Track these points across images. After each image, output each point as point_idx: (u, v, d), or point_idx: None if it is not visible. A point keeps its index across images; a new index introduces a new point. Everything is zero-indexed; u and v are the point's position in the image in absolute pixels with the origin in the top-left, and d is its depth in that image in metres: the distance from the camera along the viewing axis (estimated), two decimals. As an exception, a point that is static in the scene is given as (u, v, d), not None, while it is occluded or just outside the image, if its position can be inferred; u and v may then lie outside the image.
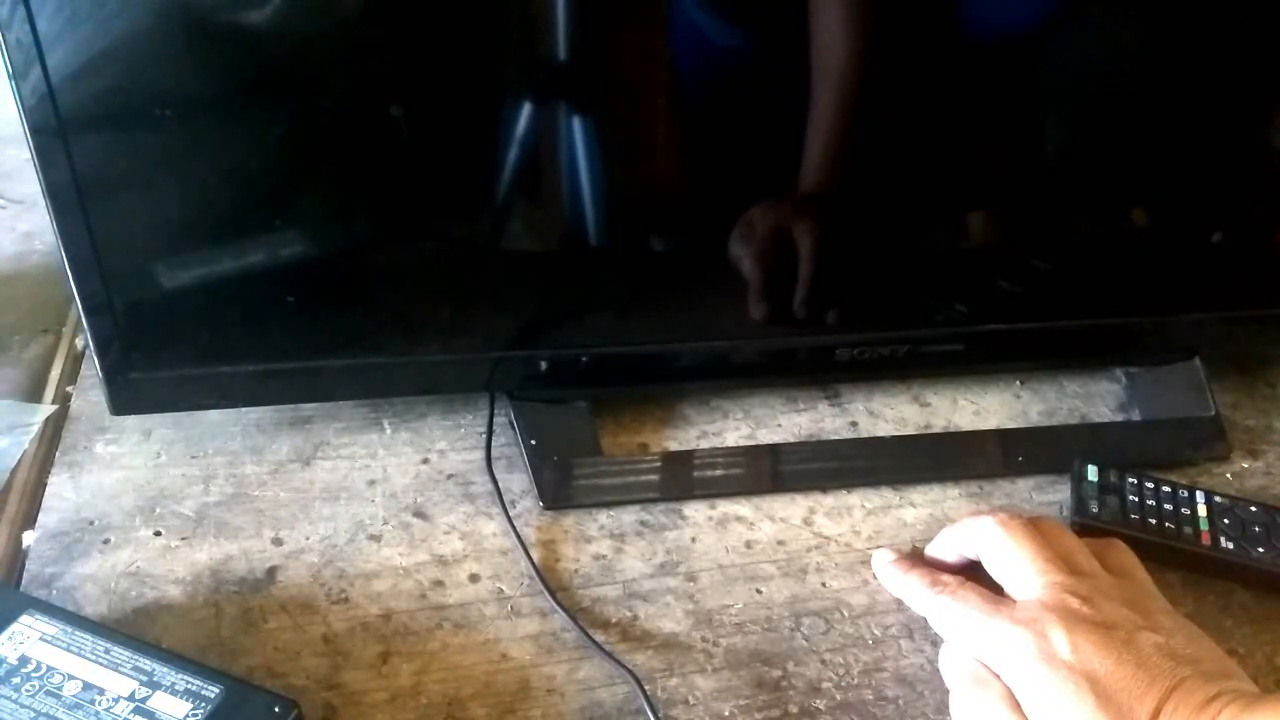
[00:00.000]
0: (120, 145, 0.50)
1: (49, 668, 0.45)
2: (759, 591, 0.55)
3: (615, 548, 0.57)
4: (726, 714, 0.49)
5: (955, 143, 0.58)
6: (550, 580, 0.54)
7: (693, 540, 0.58)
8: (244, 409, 0.63)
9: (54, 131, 0.48)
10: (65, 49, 0.46)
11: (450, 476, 0.61)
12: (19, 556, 0.55)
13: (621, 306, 0.61)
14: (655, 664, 0.51)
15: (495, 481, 0.59)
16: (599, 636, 0.52)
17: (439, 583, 0.54)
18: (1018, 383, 0.69)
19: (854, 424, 0.66)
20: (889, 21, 0.53)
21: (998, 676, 0.46)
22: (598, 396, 0.64)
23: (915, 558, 0.55)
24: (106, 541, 0.56)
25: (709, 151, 0.57)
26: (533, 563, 0.55)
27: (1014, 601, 0.48)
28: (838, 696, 0.50)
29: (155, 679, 0.45)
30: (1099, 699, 0.43)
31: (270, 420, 0.63)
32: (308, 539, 0.56)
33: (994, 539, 0.50)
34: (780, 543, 0.58)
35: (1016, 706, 0.45)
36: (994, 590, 0.50)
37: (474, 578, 0.55)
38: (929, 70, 0.55)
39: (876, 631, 0.53)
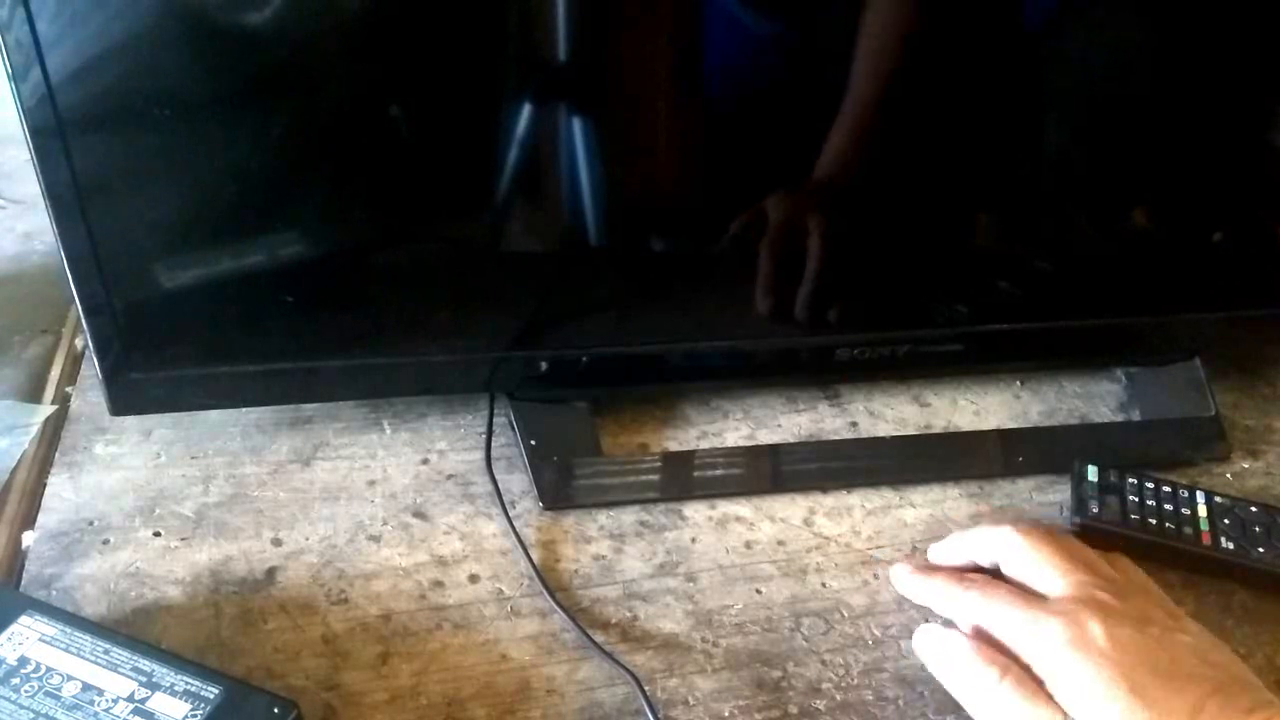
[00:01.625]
0: (120, 145, 0.50)
1: (48, 668, 0.45)
2: (759, 592, 0.55)
3: (615, 548, 0.57)
4: (726, 714, 0.49)
5: (957, 142, 0.58)
6: (550, 581, 0.54)
7: (693, 540, 0.57)
8: (244, 409, 0.63)
9: (54, 132, 0.48)
10: (65, 50, 0.46)
11: (450, 477, 0.61)
12: (18, 557, 0.55)
13: (621, 306, 0.61)
14: (655, 664, 0.51)
15: (495, 482, 0.59)
16: (599, 637, 0.52)
17: (439, 583, 0.54)
18: (1018, 383, 0.69)
19: (854, 424, 0.66)
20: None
21: (1010, 663, 0.46)
22: (598, 396, 0.64)
23: (933, 566, 0.55)
24: (106, 542, 0.56)
25: (709, 151, 0.57)
26: (532, 563, 0.55)
27: (1045, 597, 0.49)
28: (838, 697, 0.50)
29: (154, 680, 0.45)
30: (1133, 689, 0.43)
31: (270, 420, 0.63)
32: (307, 539, 0.56)
33: (1014, 544, 0.51)
34: (780, 543, 0.58)
35: (1037, 688, 0.45)
36: None
37: (474, 578, 0.55)
38: (931, 69, 0.55)
39: (876, 632, 0.53)
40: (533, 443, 0.60)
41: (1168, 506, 0.57)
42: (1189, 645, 0.45)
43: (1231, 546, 0.56)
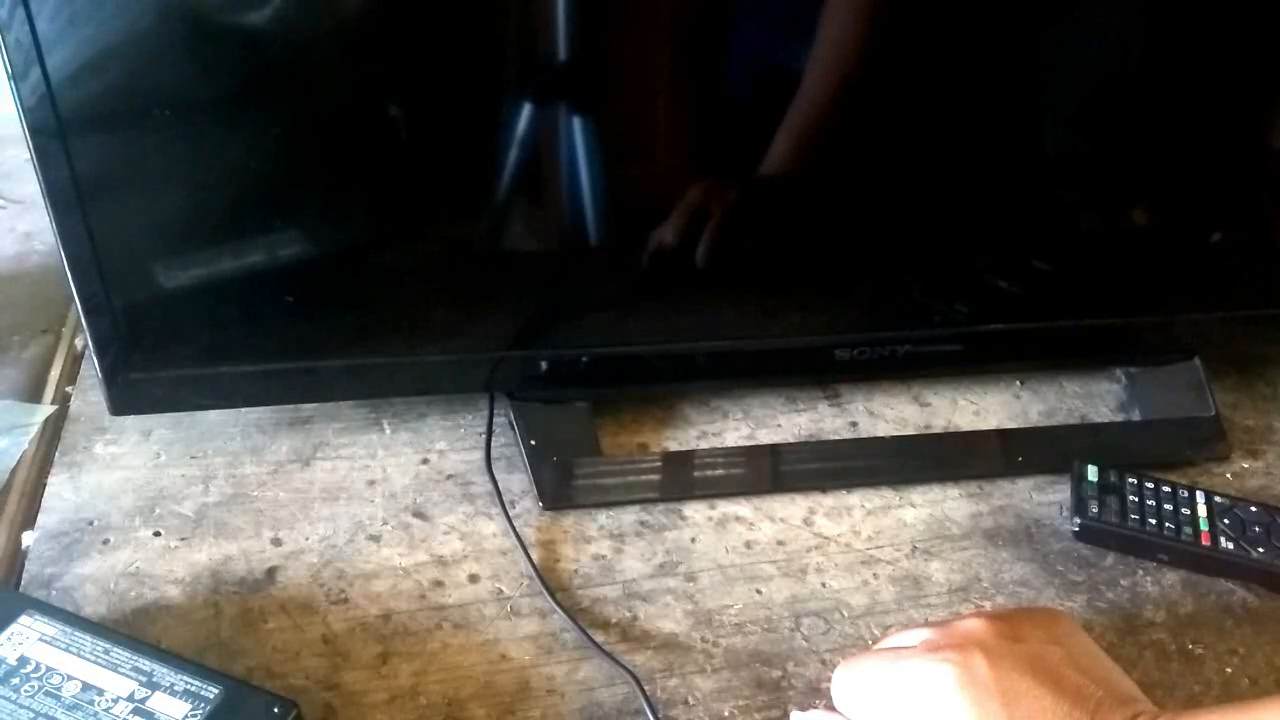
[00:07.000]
0: (120, 145, 0.50)
1: (48, 668, 0.45)
2: (759, 592, 0.55)
3: (615, 548, 0.57)
4: (726, 714, 0.49)
5: (956, 142, 0.58)
6: (550, 580, 0.54)
7: (692, 540, 0.57)
8: (244, 409, 0.63)
9: (53, 131, 0.48)
10: (65, 50, 0.46)
11: (450, 477, 0.61)
12: (19, 557, 0.55)
13: (621, 306, 0.61)
14: (655, 664, 0.51)
15: (495, 482, 0.59)
16: (599, 637, 0.52)
17: (438, 583, 0.54)
18: (1018, 383, 0.69)
19: (854, 424, 0.66)
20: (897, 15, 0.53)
21: None
22: (598, 396, 0.64)
23: None
24: (106, 542, 0.56)
25: (709, 151, 0.57)
26: (532, 563, 0.55)
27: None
28: (838, 697, 0.50)
29: (154, 679, 0.45)
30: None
31: (270, 420, 0.63)
32: (307, 539, 0.56)
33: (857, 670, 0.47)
34: (780, 543, 0.58)
35: None
36: None
37: (473, 578, 0.55)
38: (932, 68, 0.55)
39: (876, 631, 0.53)
40: (533, 443, 0.60)
41: (1168, 506, 0.57)
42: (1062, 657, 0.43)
43: (1231, 546, 0.56)
